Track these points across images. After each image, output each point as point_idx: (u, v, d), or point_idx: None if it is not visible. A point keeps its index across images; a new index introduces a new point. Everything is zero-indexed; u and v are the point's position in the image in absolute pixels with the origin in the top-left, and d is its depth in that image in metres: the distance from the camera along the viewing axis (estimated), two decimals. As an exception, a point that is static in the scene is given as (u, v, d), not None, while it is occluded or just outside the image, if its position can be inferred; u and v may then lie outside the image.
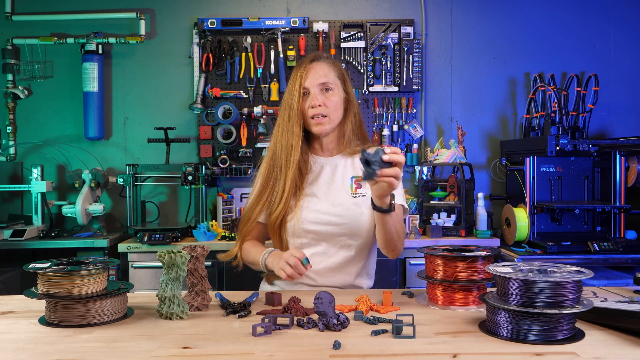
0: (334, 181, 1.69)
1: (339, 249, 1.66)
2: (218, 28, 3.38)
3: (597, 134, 3.47)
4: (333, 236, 1.65)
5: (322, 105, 1.64)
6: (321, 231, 1.65)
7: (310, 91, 1.64)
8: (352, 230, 1.64)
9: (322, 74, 1.65)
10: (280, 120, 1.68)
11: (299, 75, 1.65)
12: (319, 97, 1.64)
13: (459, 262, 1.32)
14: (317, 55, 1.70)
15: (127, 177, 3.18)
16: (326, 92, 1.65)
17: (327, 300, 1.17)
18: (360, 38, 3.40)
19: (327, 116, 1.64)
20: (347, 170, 1.70)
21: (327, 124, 1.65)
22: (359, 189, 1.67)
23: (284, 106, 1.67)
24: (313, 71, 1.65)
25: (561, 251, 2.76)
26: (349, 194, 1.67)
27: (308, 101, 1.65)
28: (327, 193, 1.67)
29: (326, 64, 1.68)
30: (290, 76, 1.69)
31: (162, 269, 1.30)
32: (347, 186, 1.68)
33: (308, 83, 1.64)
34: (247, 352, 1.04)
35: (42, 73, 3.48)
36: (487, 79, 3.50)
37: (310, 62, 1.67)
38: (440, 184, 3.23)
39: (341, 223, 1.64)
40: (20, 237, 2.96)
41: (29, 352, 1.06)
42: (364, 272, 1.73)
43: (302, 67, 1.66)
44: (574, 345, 1.06)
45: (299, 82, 1.64)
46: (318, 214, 1.64)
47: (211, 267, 2.88)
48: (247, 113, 3.36)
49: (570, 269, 1.15)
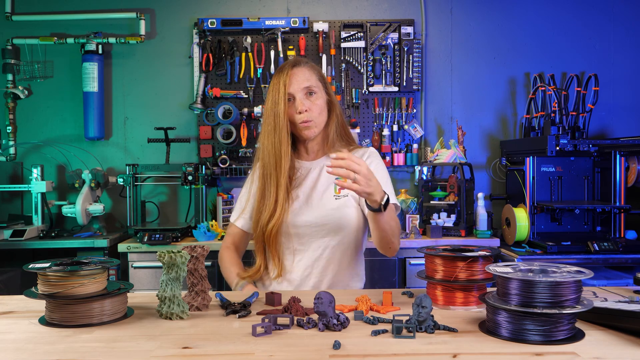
0: (319, 184, 1.70)
1: (324, 251, 1.68)
2: (218, 28, 3.38)
3: (597, 134, 3.47)
4: (318, 238, 1.67)
5: (308, 110, 1.64)
6: (307, 233, 1.66)
7: (296, 97, 1.64)
8: (337, 231, 1.66)
9: (305, 78, 1.65)
10: (266, 128, 1.66)
11: (282, 82, 1.64)
12: (305, 102, 1.64)
13: (459, 262, 1.32)
14: (297, 61, 1.70)
15: (127, 177, 3.18)
16: (310, 96, 1.66)
17: (327, 300, 1.17)
18: (360, 38, 3.40)
19: (312, 120, 1.66)
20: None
21: (314, 127, 1.67)
22: (343, 189, 1.67)
23: (269, 114, 1.65)
24: (295, 77, 1.65)
25: (561, 251, 2.76)
26: (333, 196, 1.68)
27: (294, 107, 1.65)
28: (312, 196, 1.68)
29: (307, 69, 1.68)
30: (271, 83, 1.67)
31: (162, 269, 1.30)
32: (331, 188, 1.69)
33: (292, 89, 1.64)
34: (247, 352, 1.04)
35: (42, 73, 3.48)
36: (487, 79, 3.50)
37: (292, 67, 1.66)
38: (440, 184, 3.23)
39: (326, 224, 1.66)
40: (20, 237, 2.96)
41: (29, 352, 1.06)
42: (353, 273, 1.74)
43: (284, 73, 1.65)
44: (574, 345, 1.06)
45: (283, 89, 1.63)
46: (304, 217, 1.66)
47: (211, 267, 2.88)
48: (247, 113, 3.36)
49: (570, 269, 1.15)
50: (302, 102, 1.64)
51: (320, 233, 1.66)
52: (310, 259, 1.68)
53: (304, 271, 1.68)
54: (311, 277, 1.68)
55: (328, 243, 1.67)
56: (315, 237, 1.67)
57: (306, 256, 1.68)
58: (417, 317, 1.14)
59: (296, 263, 1.68)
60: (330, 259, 1.68)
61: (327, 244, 1.67)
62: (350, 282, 1.73)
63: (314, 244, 1.67)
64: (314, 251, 1.68)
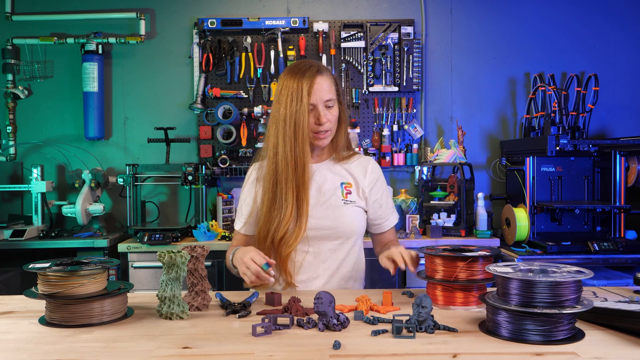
0: (325, 187, 1.70)
1: (331, 253, 1.68)
2: (218, 28, 3.38)
3: (597, 134, 3.47)
4: (325, 240, 1.67)
5: (328, 121, 1.64)
6: (314, 236, 1.66)
7: (317, 107, 1.62)
8: (345, 234, 1.67)
9: (327, 90, 1.63)
10: (283, 133, 1.60)
11: (305, 90, 1.58)
12: (326, 114, 1.63)
13: (459, 262, 1.32)
14: (320, 68, 1.65)
15: (127, 177, 3.18)
16: (328, 108, 1.65)
17: (327, 300, 1.17)
18: (360, 38, 3.40)
19: (329, 130, 1.66)
20: (336, 176, 1.72)
21: (329, 137, 1.68)
22: (349, 194, 1.70)
23: (288, 121, 1.59)
24: (319, 87, 1.61)
25: (561, 251, 2.76)
26: (340, 199, 1.68)
27: (313, 117, 1.62)
28: (318, 198, 1.68)
29: (328, 79, 1.64)
30: (287, 84, 1.61)
31: (162, 269, 1.30)
32: (338, 192, 1.69)
33: (315, 100, 1.61)
34: (247, 352, 1.04)
35: (42, 73, 3.48)
36: (487, 79, 3.50)
37: (315, 76, 1.61)
38: (440, 184, 3.23)
39: (334, 227, 1.66)
40: (20, 237, 2.96)
41: (29, 352, 1.06)
42: (355, 276, 1.74)
43: (306, 80, 1.59)
44: (574, 345, 1.06)
45: (307, 98, 1.58)
46: (312, 220, 1.64)
47: (211, 267, 2.89)
48: (247, 113, 3.36)
49: (570, 269, 1.15)
50: (323, 114, 1.62)
51: (328, 236, 1.66)
52: (316, 261, 1.67)
53: (310, 273, 1.67)
54: (317, 279, 1.67)
55: (335, 246, 1.68)
56: (323, 239, 1.66)
57: (312, 258, 1.67)
58: (417, 317, 1.14)
59: (302, 265, 1.67)
60: (336, 261, 1.68)
61: (334, 246, 1.67)
62: (354, 285, 1.74)
63: (320, 247, 1.67)
64: (320, 254, 1.67)
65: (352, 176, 1.72)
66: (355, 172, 1.73)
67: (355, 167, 1.74)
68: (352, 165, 1.74)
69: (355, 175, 1.72)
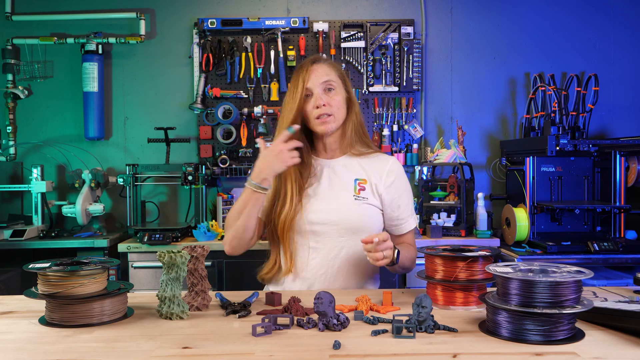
0: (336, 182, 1.69)
1: (340, 251, 1.65)
2: (218, 28, 3.38)
3: (597, 134, 3.47)
4: (334, 237, 1.65)
5: (327, 104, 1.64)
6: (323, 231, 1.64)
7: (314, 92, 1.65)
8: (355, 231, 1.64)
9: (324, 73, 1.66)
10: (281, 123, 1.67)
11: (301, 78, 1.65)
12: (322, 96, 1.64)
13: (459, 262, 1.32)
14: (317, 58, 1.71)
15: (127, 177, 3.18)
16: (329, 92, 1.66)
17: (327, 300, 1.17)
18: (360, 38, 3.40)
19: (332, 115, 1.65)
20: (350, 172, 1.70)
21: (332, 122, 1.66)
22: (362, 191, 1.67)
23: (285, 108, 1.67)
24: (314, 72, 1.65)
25: (561, 251, 2.75)
26: (352, 195, 1.66)
27: (312, 102, 1.65)
28: (329, 193, 1.67)
29: (326, 65, 1.69)
30: (292, 79, 1.70)
31: (162, 269, 1.30)
32: (350, 187, 1.67)
33: (310, 84, 1.64)
34: (247, 352, 1.04)
35: (42, 73, 3.48)
36: (487, 79, 3.50)
37: (312, 64, 1.67)
38: (440, 184, 3.23)
39: (343, 223, 1.64)
40: (20, 237, 2.96)
41: (29, 352, 1.06)
42: (371, 274, 1.73)
43: (304, 70, 1.66)
44: (574, 345, 1.06)
45: (302, 84, 1.64)
46: (321, 214, 1.64)
47: (211, 267, 2.89)
48: (247, 113, 3.36)
49: (570, 269, 1.15)
50: (320, 96, 1.64)
51: (337, 232, 1.64)
52: (325, 258, 1.65)
53: (318, 270, 1.65)
54: (325, 277, 1.65)
55: (345, 243, 1.65)
56: (332, 235, 1.64)
57: (321, 255, 1.65)
58: (417, 317, 1.14)
59: (310, 261, 1.65)
60: (346, 259, 1.65)
61: (343, 244, 1.65)
62: (365, 285, 1.72)
63: (329, 243, 1.65)
64: (329, 250, 1.65)
65: (367, 173, 1.70)
66: (372, 170, 1.70)
67: (373, 164, 1.72)
68: (370, 163, 1.72)
69: (371, 173, 1.70)
